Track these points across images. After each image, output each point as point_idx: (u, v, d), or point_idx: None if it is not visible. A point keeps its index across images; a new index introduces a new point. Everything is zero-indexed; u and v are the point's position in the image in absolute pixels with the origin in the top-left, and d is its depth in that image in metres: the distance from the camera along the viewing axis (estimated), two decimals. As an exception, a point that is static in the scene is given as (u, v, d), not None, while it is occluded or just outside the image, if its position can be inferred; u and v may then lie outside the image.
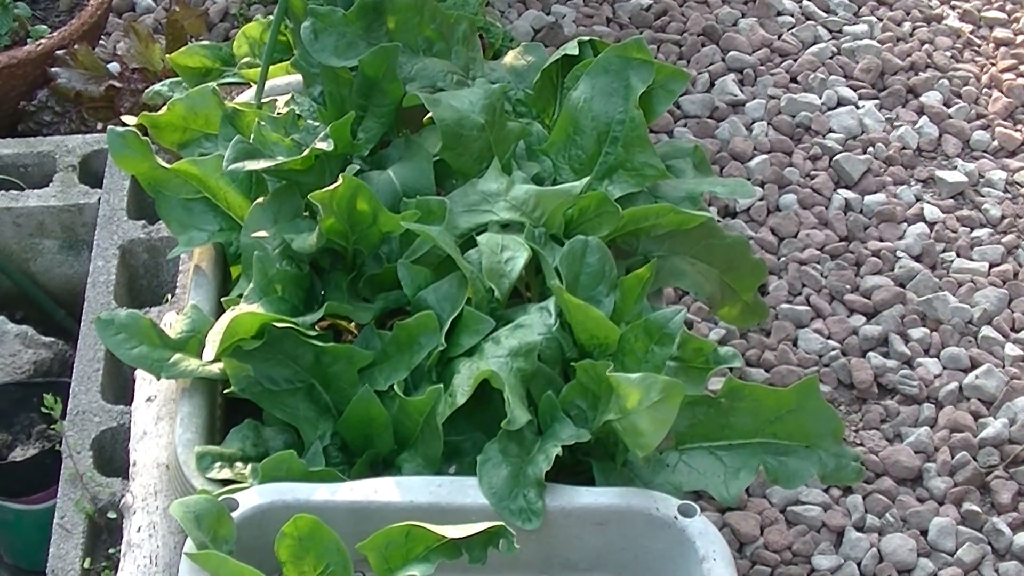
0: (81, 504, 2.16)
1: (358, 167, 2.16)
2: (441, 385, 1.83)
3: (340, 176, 1.96)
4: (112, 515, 2.16)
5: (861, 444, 2.68)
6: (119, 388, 2.37)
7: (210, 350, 1.90)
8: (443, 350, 1.89)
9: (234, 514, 1.69)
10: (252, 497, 1.72)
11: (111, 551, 2.14)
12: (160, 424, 2.06)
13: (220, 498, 1.70)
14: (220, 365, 1.94)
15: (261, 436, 1.92)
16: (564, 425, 1.81)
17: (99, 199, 2.68)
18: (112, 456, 2.27)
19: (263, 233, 2.04)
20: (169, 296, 2.44)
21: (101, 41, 3.27)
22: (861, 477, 1.96)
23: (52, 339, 2.66)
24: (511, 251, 1.97)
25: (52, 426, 2.34)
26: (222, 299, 2.07)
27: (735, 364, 1.91)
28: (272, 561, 1.67)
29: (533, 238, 2.01)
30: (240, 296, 2.01)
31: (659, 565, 1.76)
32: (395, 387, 1.87)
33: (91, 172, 2.78)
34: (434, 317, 1.90)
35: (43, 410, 2.22)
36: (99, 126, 2.90)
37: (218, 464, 1.85)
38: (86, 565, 2.11)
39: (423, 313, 1.90)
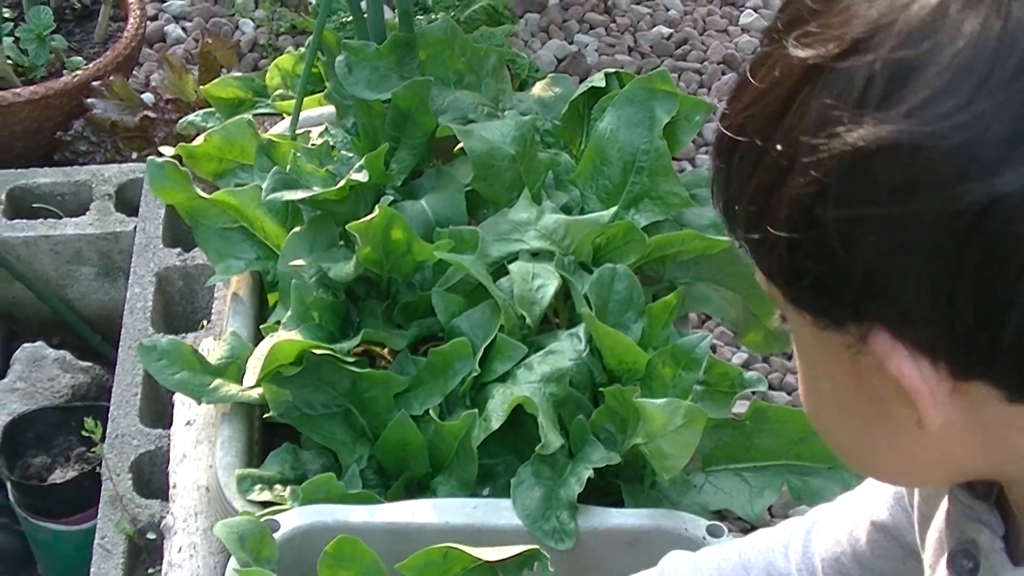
0: (121, 525, 2.21)
1: (392, 197, 2.22)
2: (476, 410, 1.88)
3: (375, 207, 2.02)
4: (151, 536, 2.20)
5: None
6: (156, 412, 2.42)
7: (251, 376, 1.96)
8: (477, 376, 1.95)
9: (275, 535, 1.75)
10: (293, 518, 1.78)
11: (150, 571, 2.19)
12: (199, 447, 2.12)
13: (262, 519, 1.76)
14: (259, 390, 2.00)
15: (299, 459, 1.98)
16: (594, 448, 1.87)
17: (135, 227, 2.73)
18: (151, 478, 2.32)
19: (300, 262, 2.10)
20: (204, 322, 2.49)
21: (134, 72, 3.33)
22: (886, 498, 2.01)
23: (89, 364, 2.71)
24: (541, 279, 2.03)
25: (91, 449, 2.39)
26: (260, 326, 2.13)
27: (760, 388, 1.97)
28: (310, 580, 1.73)
29: (563, 266, 2.07)
30: (278, 323, 2.07)
31: (687, 584, 1.81)
32: (430, 412, 1.92)
33: (127, 201, 2.83)
34: (468, 344, 1.96)
35: (83, 433, 2.28)
36: (134, 155, 2.96)
37: (258, 486, 1.90)
38: (126, 586, 2.17)
39: (457, 340, 1.96)
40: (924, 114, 0.83)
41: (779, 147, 0.87)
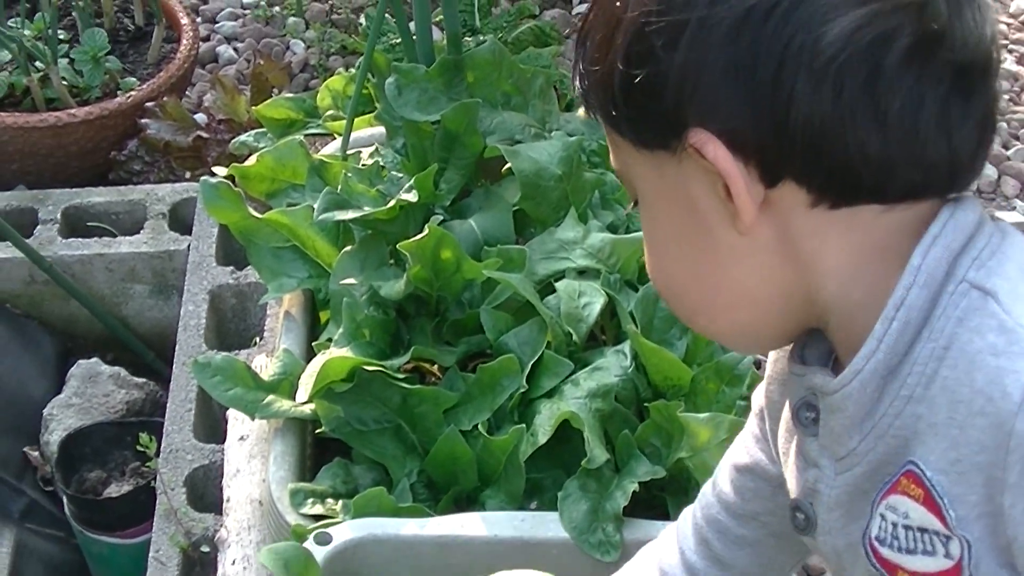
0: (175, 538, 2.25)
1: (441, 217, 2.26)
2: (523, 425, 1.92)
3: (425, 226, 2.06)
4: (205, 549, 2.24)
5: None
6: (210, 428, 2.46)
7: (303, 392, 2.00)
8: (524, 392, 1.98)
9: (328, 547, 1.79)
10: (345, 531, 1.82)
11: (205, 584, 2.24)
12: (252, 462, 2.16)
13: (314, 532, 1.80)
14: (311, 406, 2.04)
15: (350, 474, 2.02)
16: (640, 462, 1.90)
17: (188, 246, 2.78)
18: (204, 493, 2.36)
19: (351, 280, 2.14)
20: (257, 339, 2.53)
21: (187, 92, 3.38)
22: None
23: (143, 380, 2.75)
24: (588, 297, 2.07)
25: (146, 464, 2.43)
26: (312, 343, 2.17)
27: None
28: (364, 592, 1.77)
29: (609, 284, 2.10)
30: (329, 340, 2.11)
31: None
32: (479, 427, 1.96)
33: (180, 219, 2.88)
34: (515, 360, 1.99)
35: (138, 448, 2.33)
36: (187, 175, 3.01)
37: (310, 500, 1.94)
38: (182, 597, 2.21)
39: (505, 357, 1.99)
40: None
41: (618, 3, 1.07)
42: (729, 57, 1.03)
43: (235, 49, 3.73)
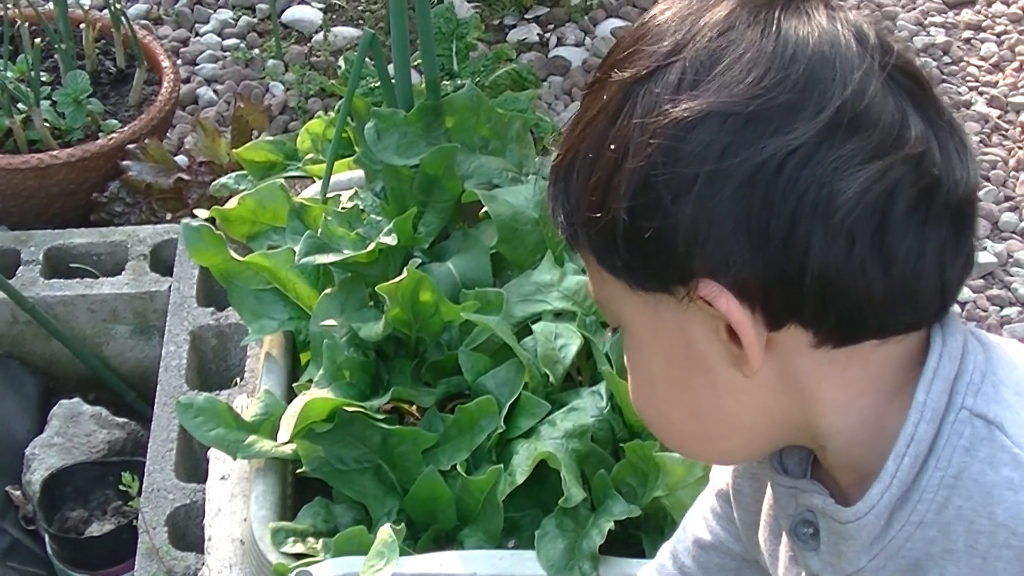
0: (158, 577, 2.29)
1: (420, 259, 2.30)
2: (501, 465, 1.95)
3: (404, 269, 2.10)
4: (187, 587, 2.28)
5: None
6: (191, 467, 2.49)
7: (285, 432, 2.03)
8: (502, 432, 2.02)
9: (310, 585, 1.82)
10: (326, 570, 1.85)
11: (187, 622, 2.27)
12: (234, 501, 2.19)
13: (295, 570, 1.83)
14: (292, 446, 2.07)
15: (331, 513, 2.05)
16: (616, 501, 1.94)
17: (169, 287, 2.81)
18: (186, 532, 2.39)
19: (331, 322, 2.18)
20: (237, 380, 2.56)
21: (168, 134, 3.42)
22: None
23: (125, 420, 2.78)
24: (564, 339, 2.11)
25: (128, 503, 2.46)
26: (293, 384, 2.21)
27: (776, 444, 2.04)
28: (345, 630, 1.80)
29: (585, 326, 2.14)
30: (310, 381, 2.15)
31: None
32: (458, 467, 1.99)
33: (161, 261, 2.91)
34: (494, 401, 2.03)
35: (120, 487, 2.36)
36: (168, 216, 3.04)
37: (291, 539, 1.97)
38: (164, 636, 2.24)
39: (483, 398, 2.03)
40: (729, 91, 1.04)
41: (612, 146, 1.06)
42: (741, 211, 1.03)
43: (215, 91, 3.77)
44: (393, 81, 2.57)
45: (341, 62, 3.64)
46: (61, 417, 2.75)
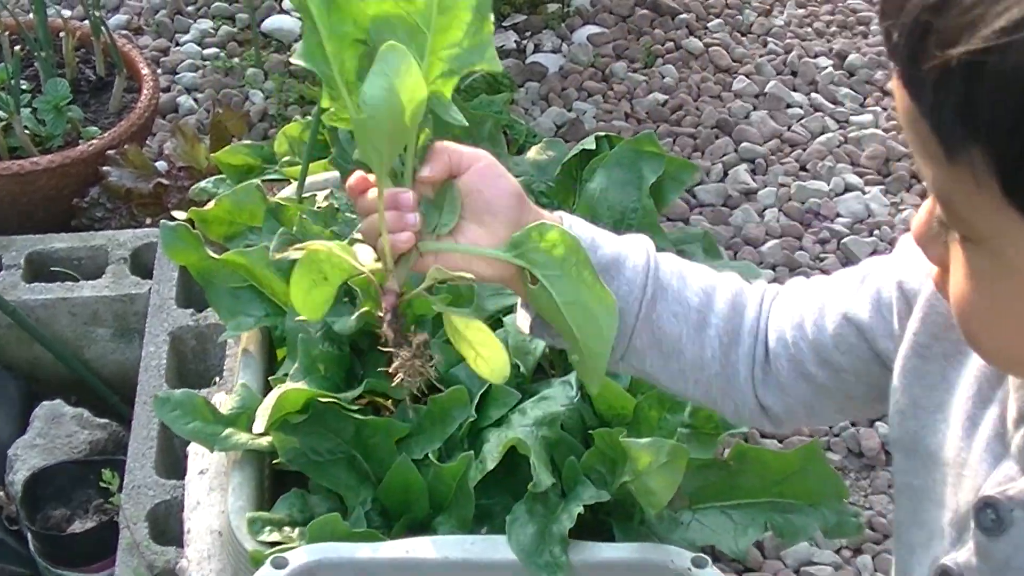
0: (139, 571, 2.31)
1: (393, 256, 2.33)
2: (472, 452, 1.99)
3: (377, 263, 2.13)
4: (168, 582, 2.31)
5: (871, 508, 2.82)
6: (171, 464, 2.52)
7: (260, 423, 2.06)
8: (474, 421, 2.06)
9: (284, 570, 1.85)
10: (301, 556, 1.88)
11: (167, 615, 2.30)
12: (212, 494, 2.22)
13: (271, 556, 1.87)
14: (268, 438, 2.10)
15: (307, 503, 2.09)
16: (585, 487, 1.97)
17: (149, 289, 2.84)
18: (166, 527, 2.42)
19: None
20: (217, 379, 2.59)
21: (148, 142, 3.46)
22: (861, 531, 2.12)
23: (106, 421, 2.81)
24: (535, 330, 2.14)
25: (109, 499, 2.49)
26: (269, 378, 2.24)
27: (743, 430, 2.08)
28: (320, 615, 1.84)
29: (555, 317, 2.18)
30: (286, 375, 2.18)
31: (675, 614, 1.92)
32: (430, 455, 2.03)
33: (141, 264, 2.94)
34: (465, 392, 2.07)
35: (101, 484, 2.39)
36: (148, 221, 3.07)
37: (268, 528, 2.01)
38: (144, 627, 2.27)
39: (455, 388, 2.07)
40: None
41: None
42: None
43: (195, 99, 3.81)
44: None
45: (319, 69, 3.69)
46: (43, 418, 2.78)
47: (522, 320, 1.52)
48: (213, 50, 4.01)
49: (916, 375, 1.31)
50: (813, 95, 3.87)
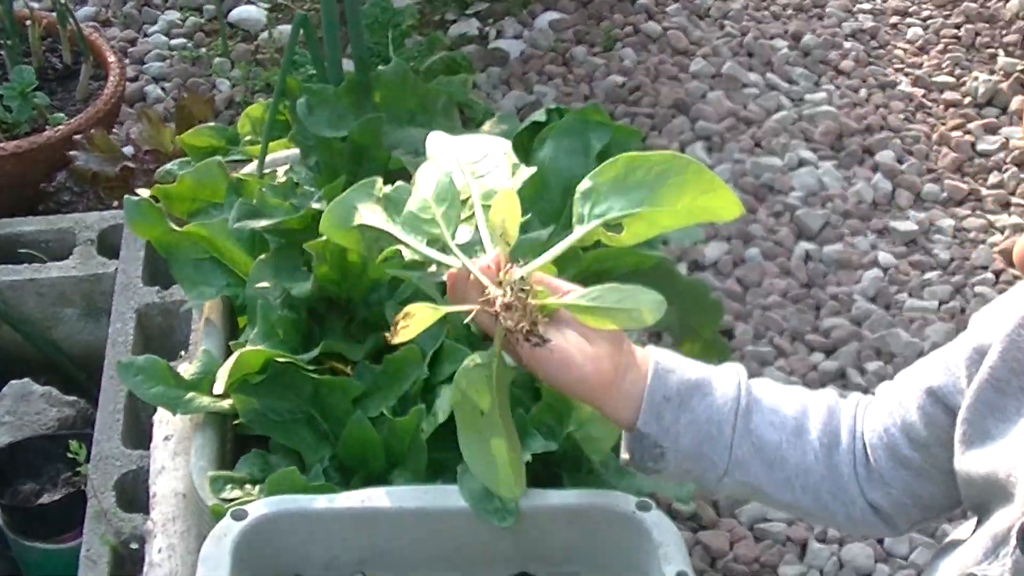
0: (106, 538, 2.37)
1: (349, 224, 2.39)
2: (424, 406, 2.06)
3: (332, 229, 2.20)
4: (134, 546, 2.37)
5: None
6: (138, 436, 2.58)
7: (220, 384, 2.13)
8: (427, 378, 2.12)
9: (243, 522, 1.91)
10: (259, 507, 1.94)
11: (134, 580, 2.36)
12: (177, 459, 2.28)
13: (231, 509, 1.93)
14: (229, 401, 2.17)
15: (267, 462, 2.15)
16: (535, 439, 2.04)
17: (116, 269, 2.90)
18: (133, 497, 2.48)
19: (265, 284, 2.28)
20: (182, 353, 2.65)
21: (115, 130, 3.52)
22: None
23: (74, 398, 2.87)
24: (486, 292, 2.21)
25: (77, 469, 2.55)
26: (230, 343, 2.31)
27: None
28: (278, 565, 1.90)
29: (507, 280, 2.24)
30: (247, 342, 2.24)
31: (622, 555, 1.97)
32: (385, 411, 2.09)
33: (108, 245, 3.00)
34: (418, 350, 2.13)
35: (69, 455, 2.46)
36: (115, 204, 3.13)
37: (229, 486, 2.07)
38: (112, 591, 2.33)
39: (408, 347, 2.13)
40: None
41: None
42: None
43: (163, 88, 3.87)
44: (326, 66, 2.68)
45: (284, 56, 3.76)
46: (12, 396, 2.84)
47: (624, 455, 1.67)
48: (180, 40, 4.08)
49: (990, 408, 1.37)
50: (768, 75, 3.95)
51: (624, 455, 1.67)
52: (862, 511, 1.58)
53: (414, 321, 1.65)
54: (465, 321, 1.67)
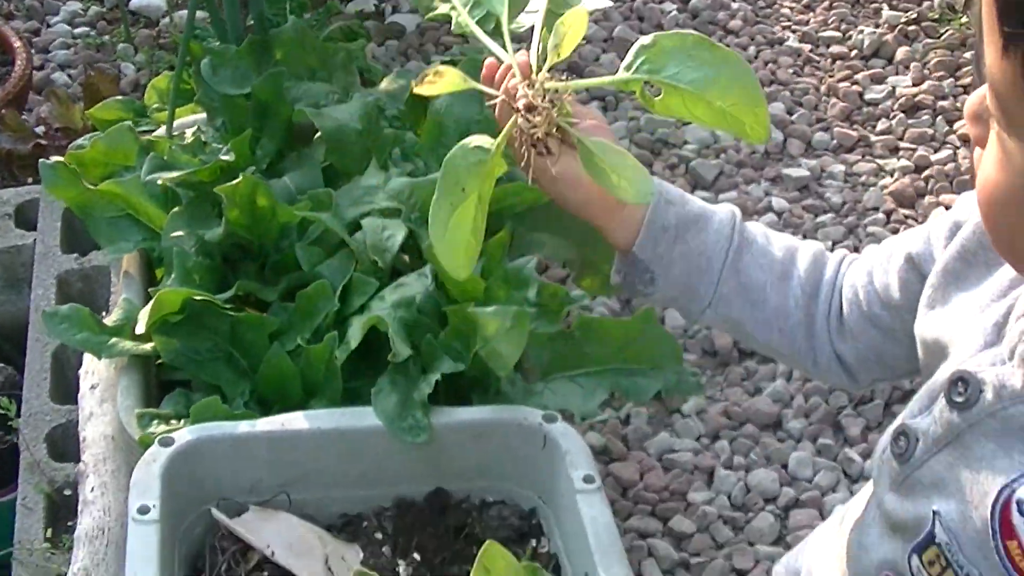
0: (40, 486, 2.47)
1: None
2: (336, 333, 2.17)
3: (240, 175, 2.31)
4: (68, 492, 2.46)
5: (726, 399, 3.03)
6: (64, 392, 2.67)
7: (141, 325, 2.23)
8: (338, 310, 2.23)
9: (170, 448, 2.01)
10: (185, 435, 2.04)
11: (69, 524, 2.45)
12: (104, 405, 2.38)
13: (158, 437, 2.03)
14: (151, 344, 2.27)
15: (191, 400, 2.24)
16: (443, 361, 2.15)
17: (34, 240, 2.99)
18: (64, 449, 2.57)
19: (180, 233, 2.38)
20: (103, 314, 2.74)
21: (24, 116, 3.59)
22: (702, 391, 2.33)
23: (2, 365, 2.97)
24: (391, 230, 2.33)
25: (8, 431, 2.64)
26: (149, 290, 2.41)
27: (585, 303, 2.28)
28: (205, 490, 2.01)
29: (410, 220, 2.36)
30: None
31: (532, 466, 2.10)
32: (299, 341, 2.21)
33: (25, 219, 3.09)
34: (328, 285, 2.24)
35: (-1, 412, 2.55)
36: (29, 180, 3.22)
37: (156, 421, 2.17)
38: (48, 535, 2.42)
39: (318, 282, 2.24)
40: None
41: None
42: None
43: (69, 75, 3.95)
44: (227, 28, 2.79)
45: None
46: (-63, 365, 2.93)
47: (615, 276, 1.80)
48: (83, 29, 4.16)
49: (955, 276, 1.46)
50: (659, 36, 4.08)
51: (615, 277, 1.81)
52: (828, 360, 1.70)
53: (442, 81, 1.70)
54: (487, 103, 1.74)
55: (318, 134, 2.56)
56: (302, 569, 2.00)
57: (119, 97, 3.06)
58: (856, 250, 3.34)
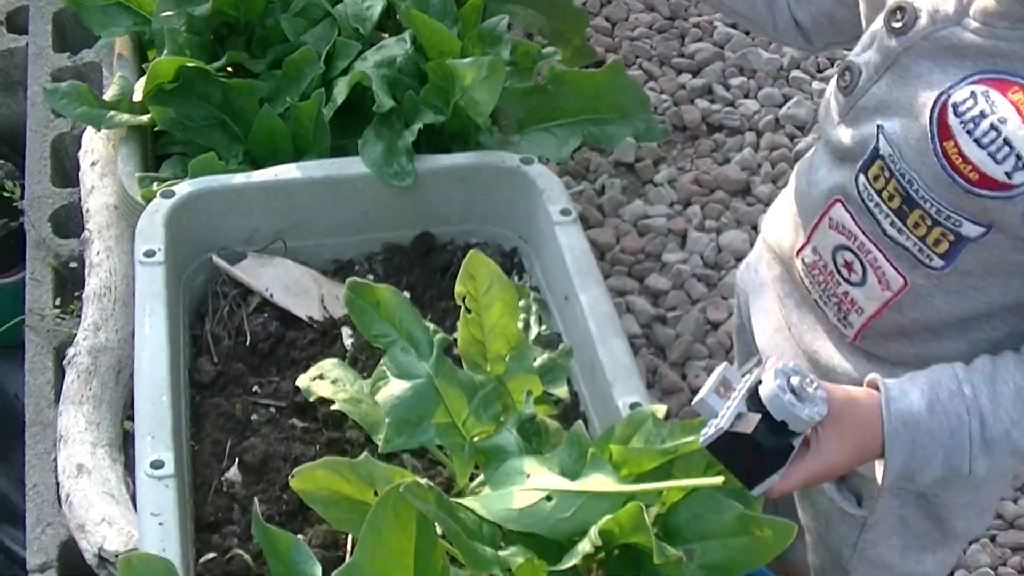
0: (47, 260, 2.60)
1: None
2: (323, 90, 2.29)
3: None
4: (73, 265, 2.59)
5: (697, 169, 3.17)
6: (65, 177, 2.79)
7: (138, 93, 2.35)
8: (323, 73, 2.35)
9: (172, 199, 2.14)
10: (185, 187, 2.17)
11: (76, 294, 2.58)
12: (104, 179, 2.51)
13: (160, 190, 2.16)
14: (148, 116, 2.39)
15: (187, 165, 2.38)
16: (424, 113, 2.28)
17: (27, 43, 3.10)
18: (67, 229, 2.69)
19: (169, 12, 2.49)
20: (100, 102, 2.87)
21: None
22: (667, 135, 2.46)
23: (2, 161, 3.09)
24: (370, 0, 2.44)
25: (12, 217, 2.76)
26: (143, 66, 2.53)
27: (556, 58, 2.40)
28: (206, 239, 2.15)
29: (388, -9, 2.48)
30: (158, 65, 2.47)
31: (511, 207, 2.23)
32: (288, 100, 2.33)
33: (16, 24, 3.18)
34: (313, 51, 2.36)
35: (4, 195, 2.67)
36: (18, -11, 3.32)
37: (155, 183, 2.30)
38: (57, 303, 2.55)
39: (304, 48, 2.36)
40: None
41: None
42: None
43: None
44: None
45: None
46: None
47: None
48: None
49: None
50: None
51: None
52: (787, 24, 1.86)
53: None
54: None
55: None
56: (299, 308, 2.15)
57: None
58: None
